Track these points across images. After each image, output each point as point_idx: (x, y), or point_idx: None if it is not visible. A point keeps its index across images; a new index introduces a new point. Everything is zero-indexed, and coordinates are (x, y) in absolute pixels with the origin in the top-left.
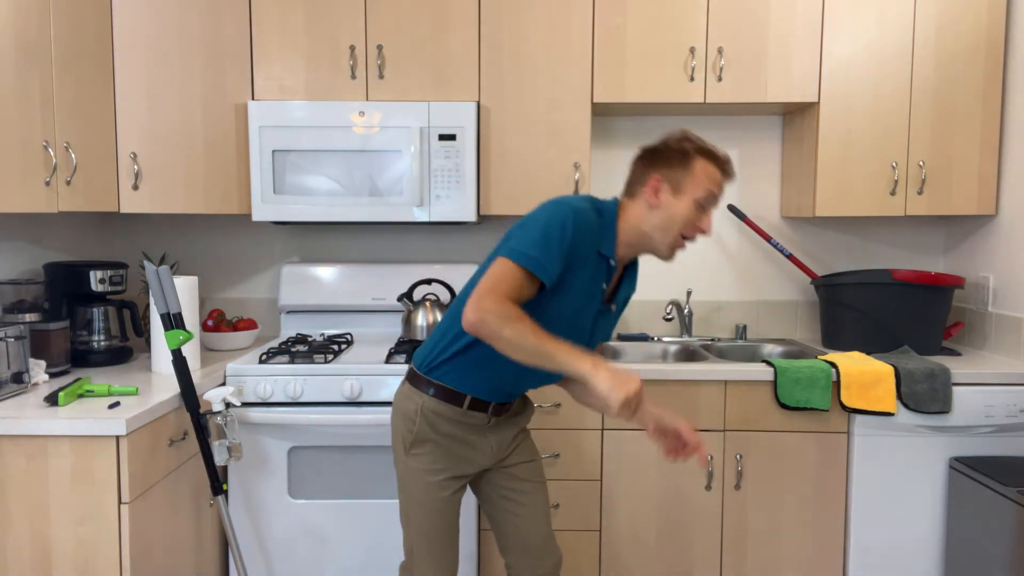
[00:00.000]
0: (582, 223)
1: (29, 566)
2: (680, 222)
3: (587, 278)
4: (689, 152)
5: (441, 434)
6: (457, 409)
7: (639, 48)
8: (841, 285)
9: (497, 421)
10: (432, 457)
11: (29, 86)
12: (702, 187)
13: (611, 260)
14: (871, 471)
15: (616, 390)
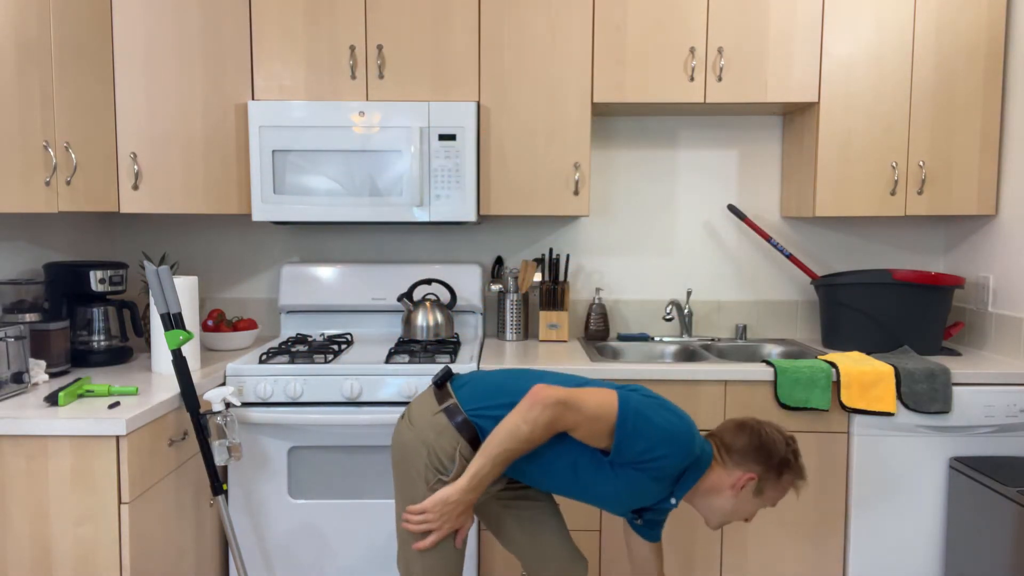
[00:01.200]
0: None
1: (29, 566)
2: (743, 511)
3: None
4: (791, 467)
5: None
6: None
7: (639, 48)
8: (841, 285)
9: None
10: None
11: (29, 86)
12: (777, 497)
13: (673, 499)
14: (871, 471)
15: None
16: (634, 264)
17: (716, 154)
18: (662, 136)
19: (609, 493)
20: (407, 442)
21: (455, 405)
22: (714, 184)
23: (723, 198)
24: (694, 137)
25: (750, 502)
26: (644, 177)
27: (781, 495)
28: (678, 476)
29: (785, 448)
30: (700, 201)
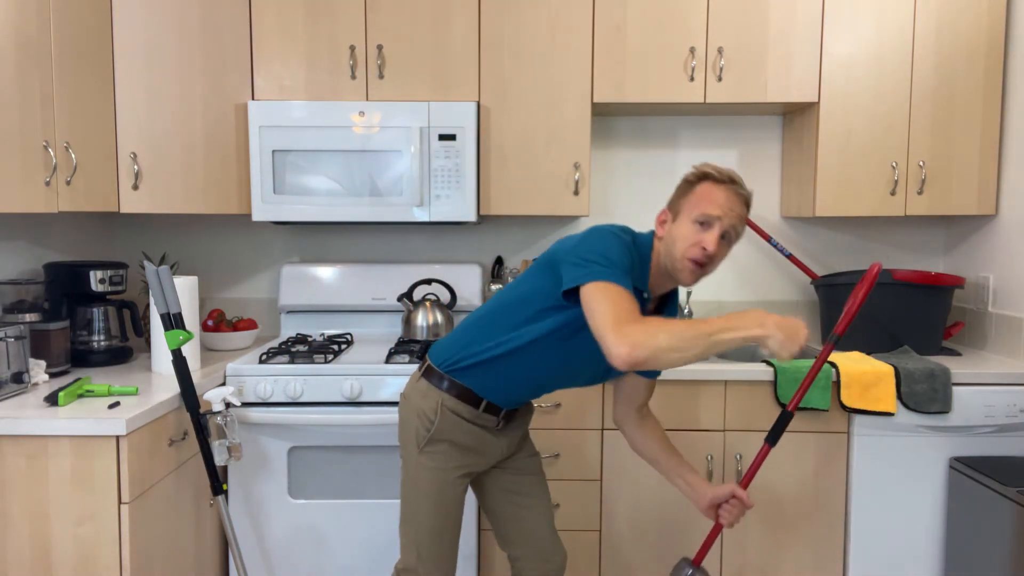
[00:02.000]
0: (626, 245)
1: (29, 566)
2: (680, 244)
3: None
4: (692, 180)
5: (460, 432)
6: (473, 410)
7: (639, 48)
8: (841, 285)
9: (507, 424)
10: (447, 456)
11: (29, 86)
12: (698, 207)
13: (644, 293)
14: (871, 471)
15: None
16: None
17: (716, 154)
18: (662, 136)
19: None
20: (403, 417)
21: (430, 366)
22: None
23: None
24: (694, 137)
25: (676, 228)
26: (644, 177)
27: (705, 203)
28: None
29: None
30: None
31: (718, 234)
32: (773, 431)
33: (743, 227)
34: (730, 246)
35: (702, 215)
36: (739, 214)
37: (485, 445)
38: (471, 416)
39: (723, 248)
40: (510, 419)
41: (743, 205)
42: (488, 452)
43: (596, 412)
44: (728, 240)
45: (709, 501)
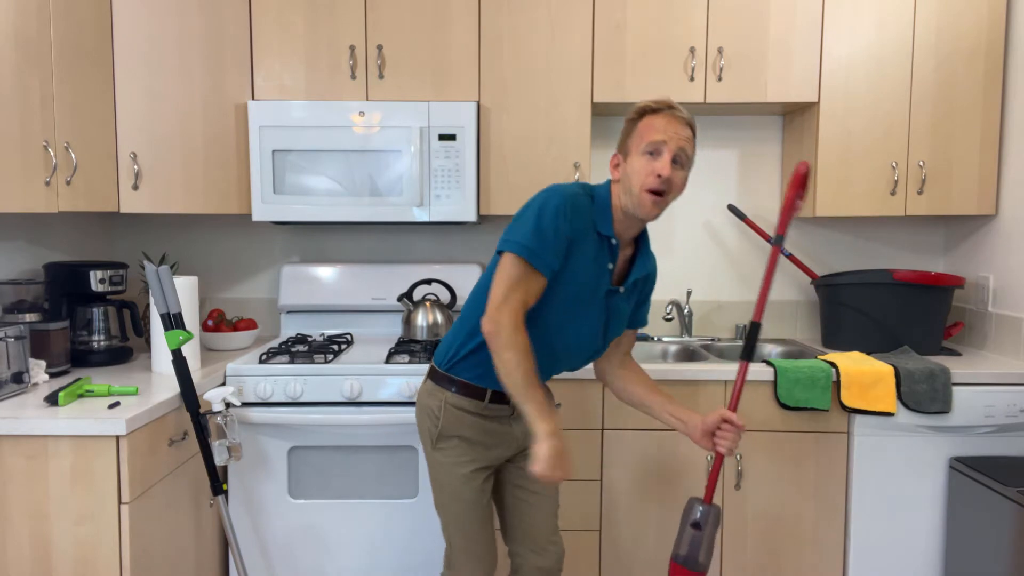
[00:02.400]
0: (575, 206)
1: (29, 566)
2: (637, 179)
3: (589, 260)
4: (633, 118)
5: (466, 427)
6: (479, 403)
7: (639, 48)
8: (841, 285)
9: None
10: (459, 451)
11: (29, 86)
12: (643, 139)
13: (612, 239)
14: (871, 471)
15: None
16: None
17: (716, 154)
18: None
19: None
20: (417, 418)
21: (433, 367)
22: (714, 184)
23: (723, 198)
24: None
25: (628, 165)
26: None
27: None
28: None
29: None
30: (700, 201)
31: (669, 158)
32: (746, 347)
33: (692, 149)
34: (684, 171)
35: (649, 144)
36: (684, 136)
37: (499, 436)
38: (478, 409)
39: (677, 173)
40: None
41: (686, 127)
42: (504, 443)
43: (596, 412)
44: (680, 164)
45: (702, 431)
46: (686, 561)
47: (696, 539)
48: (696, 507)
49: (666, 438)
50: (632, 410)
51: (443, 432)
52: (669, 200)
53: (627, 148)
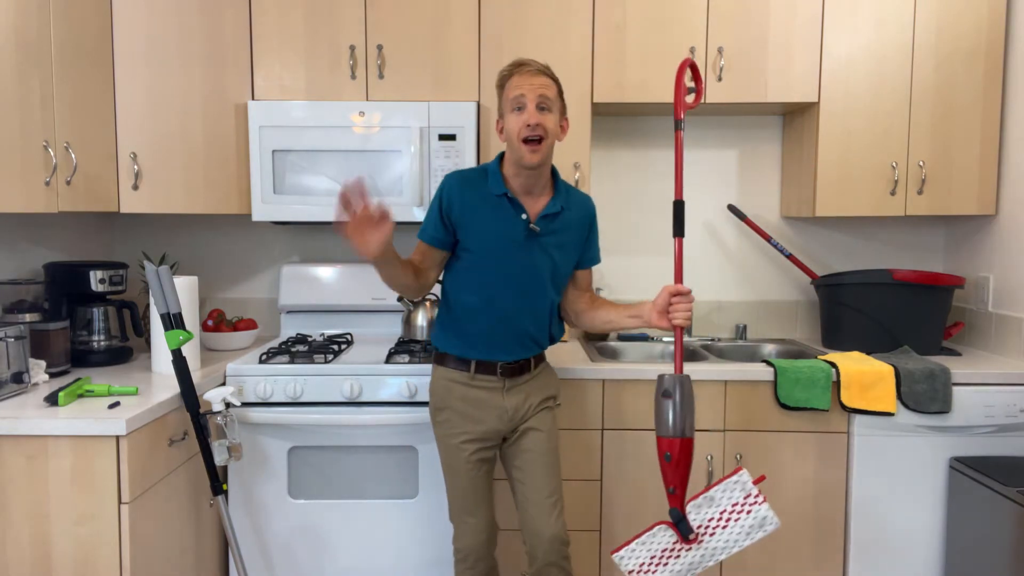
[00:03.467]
0: (454, 184)
1: (29, 566)
2: (514, 135)
3: (490, 217)
4: (499, 85)
5: (457, 398)
6: (466, 374)
7: (639, 48)
8: (841, 285)
9: (513, 384)
10: (451, 423)
11: (29, 86)
12: (509, 99)
13: (507, 194)
14: (871, 471)
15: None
16: (634, 264)
17: (716, 154)
18: (662, 136)
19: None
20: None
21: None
22: (714, 184)
23: (723, 198)
24: (694, 137)
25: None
26: (644, 177)
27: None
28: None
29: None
30: (700, 201)
31: (533, 107)
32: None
33: (555, 91)
34: (556, 114)
35: (513, 101)
36: (541, 83)
37: (489, 407)
38: (466, 380)
39: (548, 117)
40: (514, 376)
41: (542, 75)
42: (495, 415)
43: (596, 412)
44: (547, 108)
45: (657, 312)
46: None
47: (668, 408)
48: (664, 378)
49: None
50: (632, 410)
51: (436, 404)
52: (548, 144)
53: (501, 111)
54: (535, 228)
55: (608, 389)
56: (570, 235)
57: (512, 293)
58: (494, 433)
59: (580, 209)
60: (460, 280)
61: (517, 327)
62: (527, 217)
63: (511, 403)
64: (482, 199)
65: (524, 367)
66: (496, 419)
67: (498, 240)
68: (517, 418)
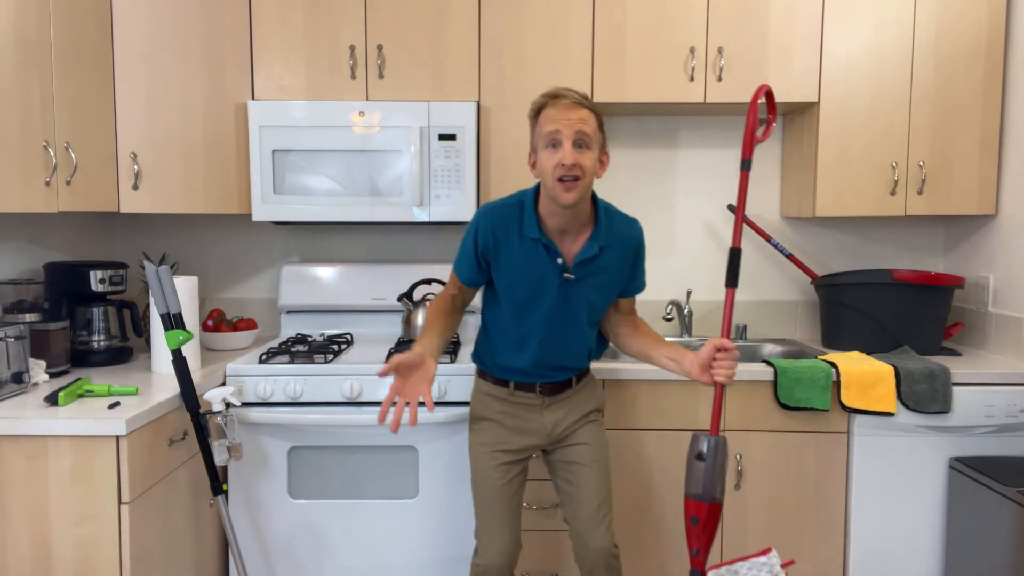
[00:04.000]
0: (487, 222)
1: (29, 566)
2: (548, 173)
3: (521, 261)
4: (532, 116)
5: (496, 411)
6: (505, 389)
7: (639, 48)
8: (841, 285)
9: (552, 400)
10: (487, 432)
11: (29, 86)
12: (543, 134)
13: (541, 239)
14: (871, 471)
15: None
16: None
17: (716, 154)
18: (662, 136)
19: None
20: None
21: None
22: (714, 184)
23: (723, 198)
24: (694, 137)
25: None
26: (644, 177)
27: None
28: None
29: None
30: (700, 201)
31: (569, 145)
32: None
33: (592, 127)
34: (595, 150)
35: (548, 137)
36: (579, 117)
37: (527, 423)
38: (505, 395)
39: (586, 156)
40: (554, 394)
41: (580, 108)
42: (533, 431)
43: None
44: (585, 145)
45: (699, 366)
46: (698, 495)
47: (701, 471)
48: (700, 439)
49: (666, 438)
50: (632, 410)
51: (474, 414)
52: (586, 183)
53: (534, 145)
54: (570, 277)
55: (608, 389)
56: (610, 275)
57: (547, 333)
58: (531, 448)
59: (622, 242)
60: (496, 313)
61: (553, 361)
62: (563, 262)
63: (550, 419)
64: (515, 240)
65: (565, 385)
66: (534, 434)
67: (531, 285)
68: (556, 434)
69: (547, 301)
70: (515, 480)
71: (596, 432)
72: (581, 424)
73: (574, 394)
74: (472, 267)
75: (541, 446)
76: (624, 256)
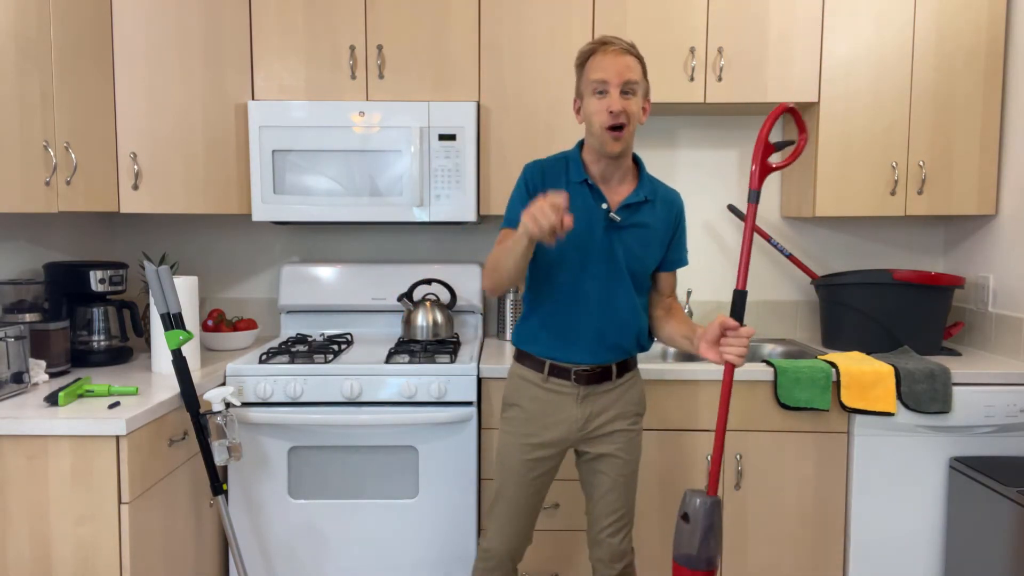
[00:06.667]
0: (536, 170)
1: (29, 566)
2: (595, 120)
3: (570, 205)
4: (579, 63)
5: (528, 398)
6: (539, 375)
7: (639, 48)
8: (841, 285)
9: (589, 391)
10: (518, 421)
11: (29, 86)
12: (590, 80)
13: (587, 180)
14: (871, 471)
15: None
16: None
17: (716, 154)
18: (662, 136)
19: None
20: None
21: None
22: (714, 184)
23: (723, 198)
24: (694, 137)
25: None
26: None
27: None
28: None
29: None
30: (700, 201)
31: (616, 92)
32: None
33: (638, 75)
34: (642, 97)
35: (596, 84)
36: (626, 65)
37: (559, 412)
38: (539, 381)
39: (632, 103)
40: (590, 383)
41: (628, 56)
42: (565, 421)
43: None
44: (633, 92)
45: (705, 342)
46: (685, 559)
47: (685, 533)
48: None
49: (666, 438)
50: None
51: (506, 399)
52: (631, 130)
53: (580, 91)
54: (615, 217)
55: None
56: (654, 231)
57: (592, 286)
58: (561, 441)
59: (667, 204)
60: (539, 272)
61: (597, 324)
62: (607, 206)
63: (584, 413)
64: (563, 186)
65: (604, 375)
66: (565, 427)
67: (578, 228)
68: (589, 429)
69: (593, 247)
70: (540, 478)
71: (632, 444)
72: (618, 428)
73: (613, 388)
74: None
75: (572, 441)
76: (667, 217)
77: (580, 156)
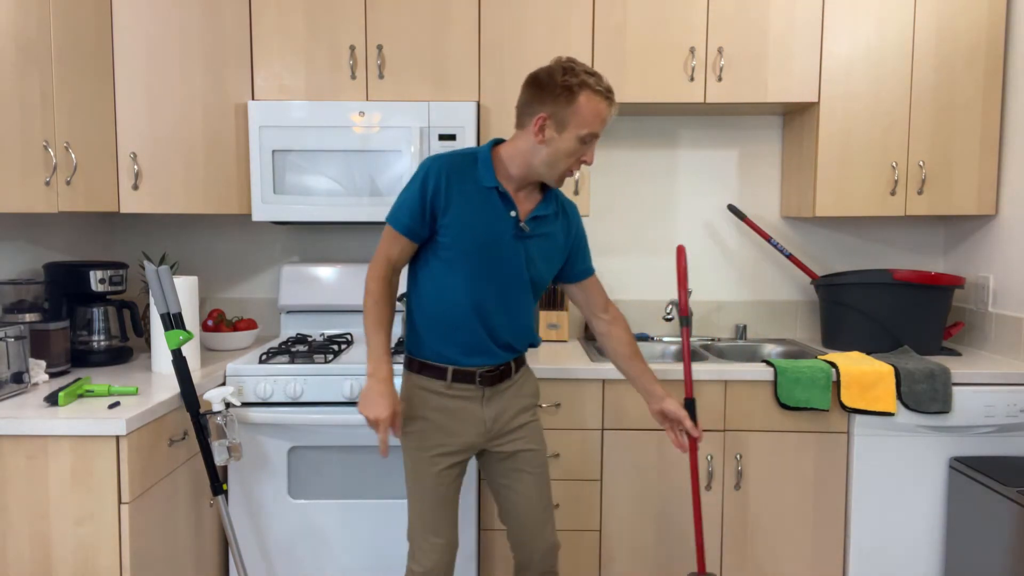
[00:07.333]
0: (440, 168)
1: (29, 566)
2: (565, 158)
3: (477, 208)
4: (574, 89)
5: (431, 409)
6: (442, 383)
7: (639, 48)
8: (841, 285)
9: (493, 392)
10: (422, 435)
11: (29, 86)
12: (586, 125)
13: (499, 188)
14: (871, 471)
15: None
16: (634, 264)
17: (716, 154)
18: (662, 136)
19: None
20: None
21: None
22: (714, 184)
23: (723, 198)
24: (694, 137)
25: (561, 141)
26: (644, 177)
27: (592, 120)
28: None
29: (563, 76)
30: (700, 201)
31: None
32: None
33: None
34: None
35: (589, 134)
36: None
37: (465, 418)
38: (442, 388)
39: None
40: (493, 384)
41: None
42: (472, 426)
43: (596, 412)
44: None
45: (660, 415)
46: None
47: None
48: None
49: (666, 438)
50: (632, 410)
51: (408, 413)
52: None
53: (564, 121)
54: (525, 228)
55: (608, 389)
56: (556, 244)
57: (495, 294)
58: (470, 447)
59: (568, 216)
60: (438, 279)
61: (498, 330)
62: (516, 215)
63: (490, 413)
64: (470, 189)
65: (504, 373)
66: (474, 430)
67: (484, 236)
68: (495, 429)
69: (498, 256)
70: (455, 483)
71: (538, 435)
72: (522, 421)
73: (512, 385)
74: (415, 215)
75: (480, 443)
76: (568, 230)
77: (491, 159)
